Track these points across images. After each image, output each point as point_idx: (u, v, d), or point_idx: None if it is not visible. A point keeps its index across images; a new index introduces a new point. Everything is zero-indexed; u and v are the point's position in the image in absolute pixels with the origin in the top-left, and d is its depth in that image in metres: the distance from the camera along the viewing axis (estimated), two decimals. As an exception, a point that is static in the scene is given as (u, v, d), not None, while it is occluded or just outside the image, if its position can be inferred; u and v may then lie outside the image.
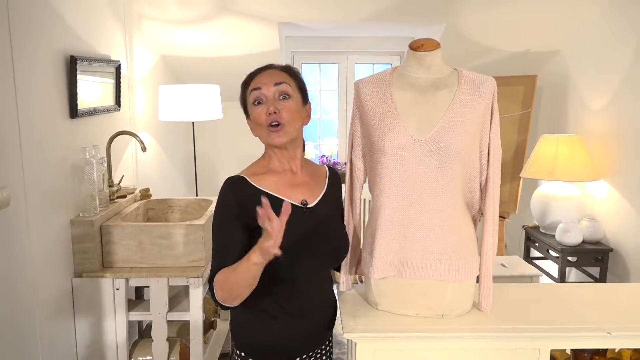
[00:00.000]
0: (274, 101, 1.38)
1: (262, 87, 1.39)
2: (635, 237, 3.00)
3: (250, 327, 1.45)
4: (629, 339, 1.37)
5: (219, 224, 1.38)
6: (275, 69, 1.45)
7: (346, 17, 3.58)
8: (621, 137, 3.13)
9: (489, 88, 1.35)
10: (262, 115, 1.38)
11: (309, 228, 1.38)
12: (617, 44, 3.16)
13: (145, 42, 3.34)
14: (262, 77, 1.42)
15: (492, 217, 1.41)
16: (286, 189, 1.42)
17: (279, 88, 1.39)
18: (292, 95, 1.41)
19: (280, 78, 1.41)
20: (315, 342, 1.51)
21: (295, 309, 1.42)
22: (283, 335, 1.43)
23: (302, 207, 1.41)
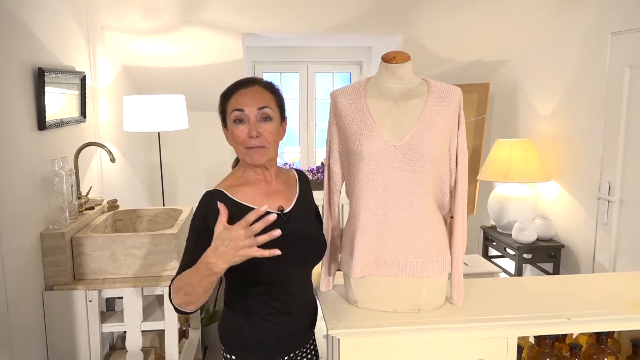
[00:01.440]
0: (256, 124, 1.42)
1: (245, 109, 1.42)
2: (584, 234, 3.21)
3: (238, 328, 1.50)
4: (586, 323, 1.50)
5: (193, 235, 1.41)
6: (258, 86, 1.46)
7: (308, 28, 3.68)
8: (568, 140, 3.35)
9: (456, 97, 1.46)
10: (242, 135, 1.42)
11: (288, 232, 1.38)
12: (562, 53, 3.39)
13: (107, 52, 3.32)
14: (246, 96, 1.43)
15: (461, 217, 1.51)
16: (262, 199, 1.47)
17: (262, 112, 1.42)
18: (273, 117, 1.45)
19: (263, 101, 1.43)
20: (301, 340, 1.58)
21: (280, 309, 1.49)
22: (270, 334, 1.48)
23: (279, 213, 1.46)
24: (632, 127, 2.83)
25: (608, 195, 2.98)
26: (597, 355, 1.67)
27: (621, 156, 2.89)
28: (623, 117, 2.87)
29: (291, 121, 4.95)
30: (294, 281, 1.51)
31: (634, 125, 2.81)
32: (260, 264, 1.31)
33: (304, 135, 4.91)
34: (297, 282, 1.53)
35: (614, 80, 2.93)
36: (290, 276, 1.49)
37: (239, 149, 1.46)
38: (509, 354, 1.49)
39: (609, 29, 2.94)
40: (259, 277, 1.43)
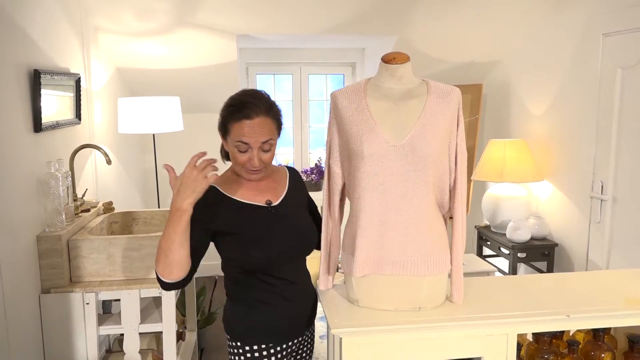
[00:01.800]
0: (259, 152, 1.53)
1: (250, 143, 1.51)
2: (577, 232, 3.24)
3: (239, 315, 1.61)
4: (585, 320, 1.52)
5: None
6: (263, 116, 1.52)
7: (303, 30, 3.69)
8: (561, 140, 3.39)
9: (455, 97, 1.47)
10: (242, 159, 1.54)
11: (276, 223, 1.58)
12: (554, 54, 3.43)
13: (101, 55, 3.31)
14: (251, 129, 1.50)
15: (461, 216, 1.53)
16: (252, 194, 1.60)
17: (265, 145, 1.54)
18: (274, 143, 1.57)
19: (267, 134, 1.53)
20: (301, 326, 1.68)
21: (277, 295, 1.60)
22: (271, 318, 1.60)
23: (267, 206, 1.60)
24: (624, 126, 2.87)
25: (601, 194, 3.01)
26: (595, 351, 1.68)
27: (613, 155, 2.93)
28: (615, 117, 2.91)
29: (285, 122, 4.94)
30: (286, 270, 1.61)
31: (626, 124, 2.85)
32: (248, 254, 1.51)
33: (297, 137, 4.92)
34: (289, 271, 1.63)
35: (606, 80, 2.97)
36: (281, 265, 1.60)
37: (238, 167, 1.58)
38: (509, 351, 1.50)
39: (600, 30, 2.97)
40: (250, 266, 1.57)
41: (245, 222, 1.56)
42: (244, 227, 1.55)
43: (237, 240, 1.55)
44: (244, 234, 1.55)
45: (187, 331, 3.01)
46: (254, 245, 1.52)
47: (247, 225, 1.56)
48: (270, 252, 1.54)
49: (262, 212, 1.58)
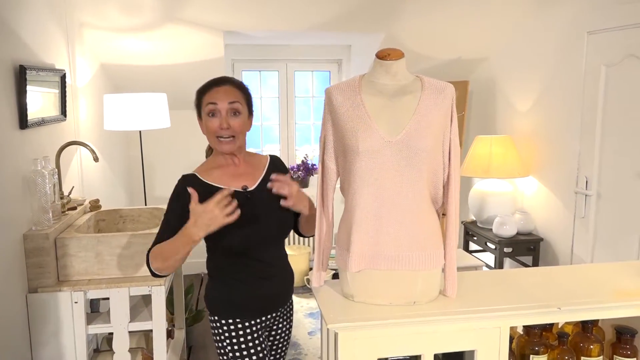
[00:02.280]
0: (227, 117, 1.63)
1: (218, 103, 1.63)
2: (562, 227, 3.30)
3: (218, 292, 1.73)
4: (575, 312, 1.55)
5: (169, 211, 1.66)
6: (230, 85, 1.68)
7: (290, 26, 3.68)
8: (546, 136, 3.44)
9: (449, 93, 1.49)
10: (214, 126, 1.64)
11: (252, 207, 1.66)
12: (539, 51, 3.47)
13: (86, 51, 3.27)
14: (219, 92, 1.64)
15: (454, 211, 1.54)
16: (229, 180, 1.69)
17: (232, 106, 1.64)
18: (242, 112, 1.67)
19: (234, 96, 1.65)
20: (275, 303, 1.79)
21: (253, 273, 1.71)
22: (246, 296, 1.70)
23: (242, 191, 1.68)
24: (608, 123, 2.92)
25: (585, 189, 3.06)
26: (583, 343, 1.71)
27: (598, 151, 2.98)
28: (599, 114, 2.96)
29: (271, 119, 4.94)
30: (262, 252, 1.71)
31: (610, 121, 2.90)
32: (226, 235, 1.59)
33: (284, 134, 4.91)
34: (265, 252, 1.72)
35: (590, 78, 3.02)
36: (257, 246, 1.69)
37: (211, 138, 1.67)
38: (502, 343, 1.53)
39: (585, 28, 3.02)
40: (227, 249, 1.67)
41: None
42: None
43: None
44: None
45: (175, 329, 2.99)
46: (231, 229, 1.57)
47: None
48: (246, 236, 1.63)
49: (239, 196, 1.64)
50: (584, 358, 1.71)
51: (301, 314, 3.83)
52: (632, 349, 1.70)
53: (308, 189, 4.71)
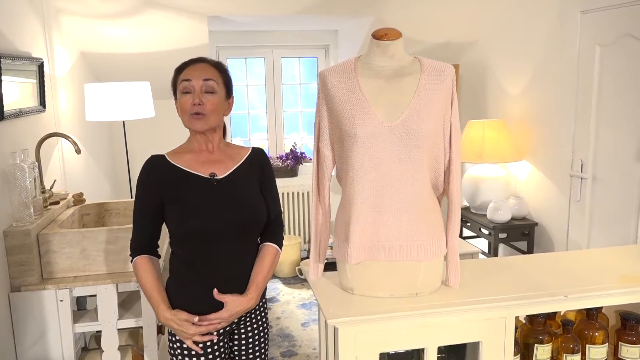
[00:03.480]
0: (200, 94, 1.55)
1: (192, 80, 1.56)
2: (557, 211, 3.26)
3: (171, 286, 1.62)
4: (582, 299, 1.50)
5: (137, 192, 1.62)
6: (206, 63, 1.61)
7: (275, 11, 3.57)
8: (539, 119, 3.39)
9: (449, 74, 1.42)
10: (187, 104, 1.56)
11: (216, 196, 1.58)
12: (531, 32, 3.41)
13: (64, 38, 3.14)
14: (194, 69, 1.58)
15: (456, 197, 1.48)
16: (198, 165, 1.61)
17: (207, 83, 1.56)
18: (217, 91, 1.58)
19: (209, 74, 1.58)
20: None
21: (208, 273, 1.57)
22: (199, 298, 1.57)
23: (210, 178, 1.59)
24: (604, 104, 2.87)
25: (581, 172, 3.03)
26: (588, 330, 1.68)
27: (593, 133, 2.94)
28: (594, 95, 2.91)
29: (258, 107, 4.84)
30: (220, 245, 1.56)
31: (605, 102, 2.86)
32: (185, 223, 1.53)
33: (271, 122, 4.82)
34: (223, 248, 1.57)
35: (585, 58, 2.96)
36: (219, 242, 1.56)
37: (184, 117, 1.59)
38: (507, 334, 1.48)
39: (578, 7, 2.96)
40: (187, 237, 1.55)
41: (185, 191, 1.57)
42: (183, 196, 1.57)
43: (175, 209, 1.56)
44: (183, 203, 1.56)
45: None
46: (191, 216, 1.53)
47: (187, 195, 1.57)
48: (206, 224, 1.54)
49: (204, 183, 1.58)
50: (588, 345, 1.67)
51: (294, 305, 3.77)
52: (638, 335, 1.67)
53: (297, 177, 4.64)
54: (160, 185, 1.58)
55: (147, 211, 1.59)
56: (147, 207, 1.59)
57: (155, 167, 1.60)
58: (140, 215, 1.61)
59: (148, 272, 1.59)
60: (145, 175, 1.61)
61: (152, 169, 1.60)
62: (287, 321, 3.55)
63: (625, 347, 1.68)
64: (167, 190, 1.57)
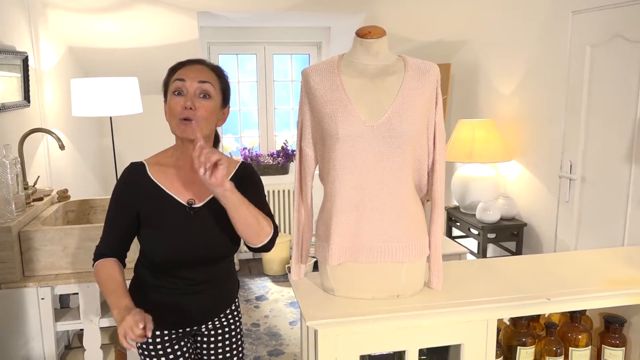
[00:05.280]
0: (194, 97, 1.41)
1: (186, 80, 1.41)
2: (545, 212, 3.26)
3: (133, 292, 1.50)
4: (565, 302, 1.49)
5: (111, 202, 1.50)
6: (204, 65, 1.48)
7: (266, 7, 3.55)
8: (529, 119, 3.38)
9: (434, 74, 1.40)
10: (177, 107, 1.41)
11: (190, 227, 1.46)
12: (522, 32, 3.40)
13: (50, 32, 3.10)
14: (190, 70, 1.44)
15: (439, 199, 1.46)
16: (179, 186, 1.48)
17: (202, 86, 1.42)
18: (213, 96, 1.44)
19: (206, 77, 1.44)
20: (197, 317, 1.58)
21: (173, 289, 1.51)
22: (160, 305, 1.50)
23: (187, 206, 1.47)
24: (593, 105, 2.86)
25: (570, 173, 3.02)
26: (571, 332, 1.67)
27: (583, 134, 2.93)
28: (585, 96, 2.90)
29: (249, 104, 4.81)
30: (190, 270, 1.50)
31: (595, 103, 2.85)
32: (152, 249, 1.45)
33: (262, 119, 4.79)
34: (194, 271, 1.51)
35: (575, 59, 2.95)
36: (186, 266, 1.49)
37: (172, 122, 1.44)
38: (489, 336, 1.47)
39: (569, 7, 2.95)
40: (151, 260, 1.49)
41: (160, 216, 1.46)
42: (158, 223, 1.46)
43: (148, 233, 1.47)
44: (156, 229, 1.46)
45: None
46: (162, 244, 1.44)
47: (161, 221, 1.45)
48: (176, 254, 1.45)
49: (181, 210, 1.46)
50: (572, 348, 1.66)
51: (282, 303, 3.76)
52: (621, 338, 1.67)
53: (288, 175, 4.62)
54: (137, 201, 1.46)
55: (119, 224, 1.48)
56: (119, 220, 1.48)
57: (133, 183, 1.47)
58: (110, 225, 1.50)
59: (113, 269, 1.45)
60: (122, 189, 1.48)
61: (131, 185, 1.47)
62: (275, 319, 3.53)
63: (609, 350, 1.67)
64: (143, 210, 1.46)
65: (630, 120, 2.63)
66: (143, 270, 1.55)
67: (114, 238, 1.49)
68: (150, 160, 1.52)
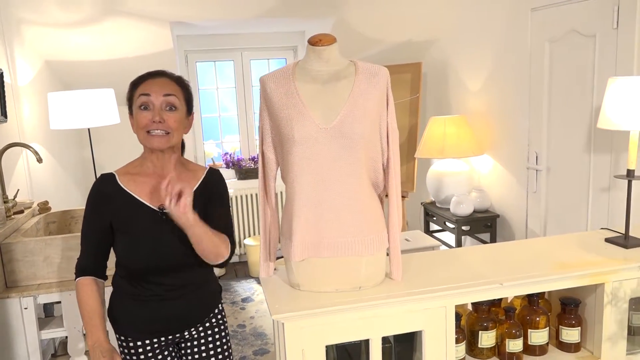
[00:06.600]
0: (161, 111, 1.47)
1: (151, 95, 1.47)
2: (516, 203, 3.36)
3: (112, 304, 1.60)
4: (517, 287, 1.58)
5: (84, 214, 1.55)
6: (167, 77, 1.53)
7: (237, 14, 3.62)
8: (498, 114, 3.48)
9: (383, 77, 1.48)
10: (145, 120, 1.47)
11: (161, 231, 1.51)
12: (487, 30, 3.50)
13: (26, 48, 3.15)
14: (153, 84, 1.49)
15: (395, 194, 1.55)
16: (149, 193, 1.53)
17: (167, 99, 1.48)
18: (179, 107, 1.50)
19: (170, 89, 1.49)
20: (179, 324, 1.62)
21: (150, 295, 1.55)
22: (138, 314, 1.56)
23: (158, 211, 1.53)
24: (554, 99, 2.97)
25: (536, 165, 3.13)
26: (530, 315, 1.75)
27: (545, 126, 3.04)
28: (545, 90, 3.01)
29: (229, 110, 4.88)
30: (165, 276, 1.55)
31: (555, 97, 2.96)
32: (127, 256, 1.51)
33: (242, 123, 4.86)
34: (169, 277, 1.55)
35: (536, 54, 3.06)
36: (160, 271, 1.54)
37: (140, 134, 1.49)
38: (448, 322, 1.55)
39: (529, 5, 3.06)
40: (127, 267, 1.54)
41: (132, 223, 1.51)
42: (130, 229, 1.51)
43: (121, 240, 1.52)
44: (129, 235, 1.51)
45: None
46: (135, 250, 1.49)
47: (133, 227, 1.51)
48: (147, 260, 1.50)
49: (152, 215, 1.52)
50: (530, 330, 1.75)
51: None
52: (577, 318, 1.75)
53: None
54: (109, 211, 1.51)
55: (94, 236, 1.54)
56: (94, 232, 1.53)
57: (104, 192, 1.52)
58: (86, 238, 1.55)
59: (89, 294, 1.52)
60: (94, 199, 1.53)
61: (101, 195, 1.52)
62: (260, 320, 3.61)
63: (565, 330, 1.76)
64: (115, 218, 1.51)
65: (588, 112, 2.74)
66: (120, 280, 1.59)
67: (90, 251, 1.55)
68: (119, 171, 1.58)
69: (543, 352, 1.75)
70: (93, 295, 1.53)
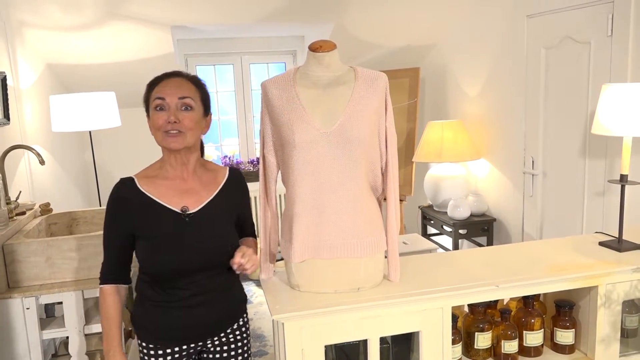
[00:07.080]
0: (176, 111, 1.47)
1: (166, 98, 1.47)
2: (512, 207, 3.40)
3: (137, 312, 1.59)
4: (512, 289, 1.61)
5: (105, 220, 1.54)
6: (182, 78, 1.53)
7: (237, 19, 3.66)
8: (495, 119, 3.53)
9: (382, 82, 1.52)
10: (160, 121, 1.47)
11: (187, 232, 1.51)
12: (485, 36, 3.55)
13: (28, 51, 3.18)
14: (168, 86, 1.49)
15: (393, 197, 1.58)
16: (171, 196, 1.52)
17: (183, 101, 1.48)
18: (195, 107, 1.50)
19: (185, 91, 1.49)
20: (205, 332, 1.60)
21: (175, 301, 1.54)
22: (165, 322, 1.55)
23: (181, 213, 1.52)
24: (550, 104, 3.01)
25: (532, 169, 3.17)
26: (525, 317, 1.79)
27: (541, 131, 3.08)
28: (542, 95, 3.05)
29: (229, 113, 4.91)
30: (190, 280, 1.53)
31: (551, 102, 3.00)
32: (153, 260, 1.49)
33: (242, 127, 4.90)
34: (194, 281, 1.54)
35: (532, 61, 3.10)
36: (185, 275, 1.52)
37: (157, 134, 1.49)
38: (444, 323, 1.58)
39: (525, 11, 3.10)
40: (153, 273, 1.53)
41: (155, 226, 1.50)
42: (153, 233, 1.50)
43: (144, 245, 1.50)
44: (152, 239, 1.50)
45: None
46: (159, 254, 1.48)
47: (156, 231, 1.50)
48: (173, 263, 1.48)
49: (175, 217, 1.51)
50: (526, 332, 1.78)
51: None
52: (571, 320, 1.78)
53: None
54: (129, 217, 1.50)
55: (116, 241, 1.53)
56: (116, 237, 1.52)
57: (124, 198, 1.50)
58: (109, 244, 1.54)
59: (110, 304, 1.54)
60: (113, 205, 1.51)
61: (121, 200, 1.51)
62: (259, 322, 3.63)
63: (560, 332, 1.79)
64: (137, 223, 1.50)
65: (583, 117, 2.78)
66: (143, 285, 1.57)
67: (112, 259, 1.55)
68: (139, 175, 1.56)
69: (538, 354, 1.78)
70: (114, 306, 1.55)
